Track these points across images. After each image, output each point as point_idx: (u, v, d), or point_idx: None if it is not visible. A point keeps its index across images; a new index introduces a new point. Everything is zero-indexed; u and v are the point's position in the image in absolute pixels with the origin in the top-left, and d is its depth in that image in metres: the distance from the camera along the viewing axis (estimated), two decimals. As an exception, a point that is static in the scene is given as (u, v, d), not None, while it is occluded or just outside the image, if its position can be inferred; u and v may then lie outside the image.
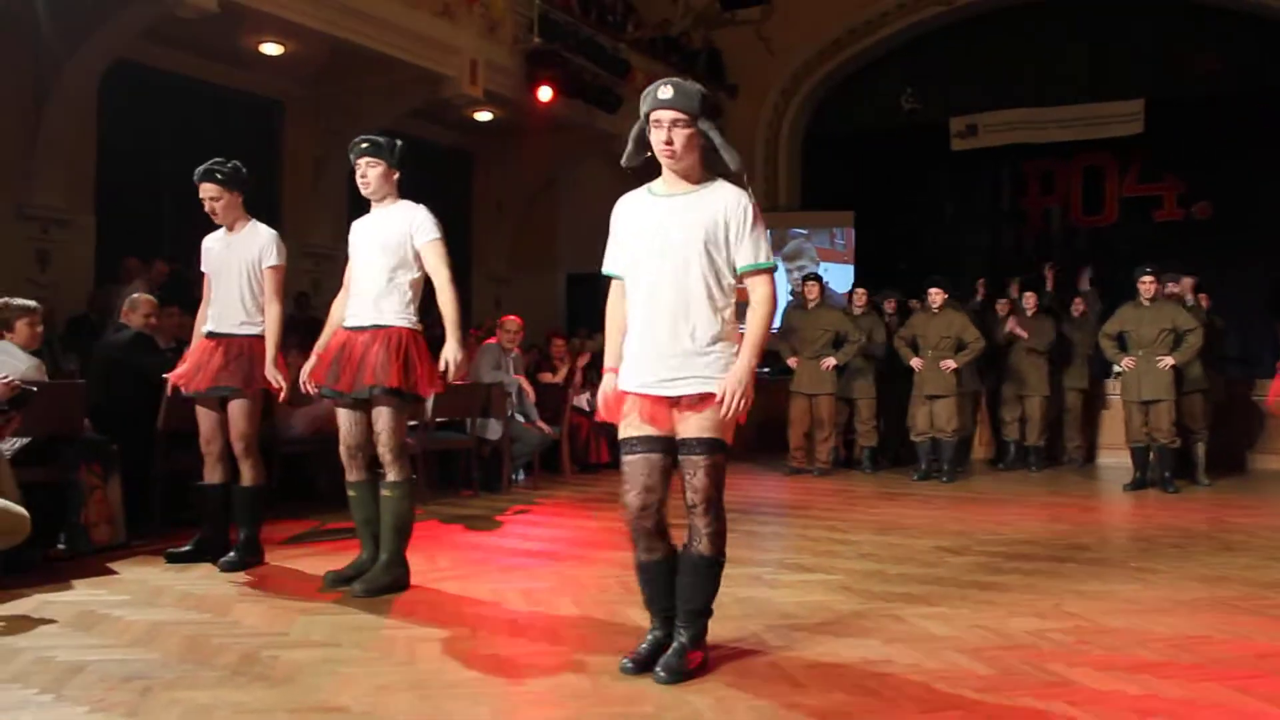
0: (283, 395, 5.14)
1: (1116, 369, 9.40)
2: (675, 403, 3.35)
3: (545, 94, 10.67)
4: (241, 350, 5.10)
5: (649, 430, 3.37)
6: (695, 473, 3.36)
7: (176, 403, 5.53)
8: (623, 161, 3.43)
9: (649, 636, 3.50)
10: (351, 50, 9.21)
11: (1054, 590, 4.78)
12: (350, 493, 4.76)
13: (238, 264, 5.14)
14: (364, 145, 4.64)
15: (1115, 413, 10.29)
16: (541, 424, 8.73)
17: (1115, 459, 10.46)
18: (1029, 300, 10.20)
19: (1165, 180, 13.68)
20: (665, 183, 3.43)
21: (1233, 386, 10.29)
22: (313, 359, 4.75)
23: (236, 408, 5.10)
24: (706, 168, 3.41)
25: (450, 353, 4.54)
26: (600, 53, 11.64)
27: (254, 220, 5.25)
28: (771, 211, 14.64)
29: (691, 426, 3.34)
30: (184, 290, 8.33)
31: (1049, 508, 7.77)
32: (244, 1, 8.11)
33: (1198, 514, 7.50)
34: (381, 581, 4.60)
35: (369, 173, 4.63)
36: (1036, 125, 13.82)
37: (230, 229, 5.21)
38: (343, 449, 4.72)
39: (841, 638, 3.90)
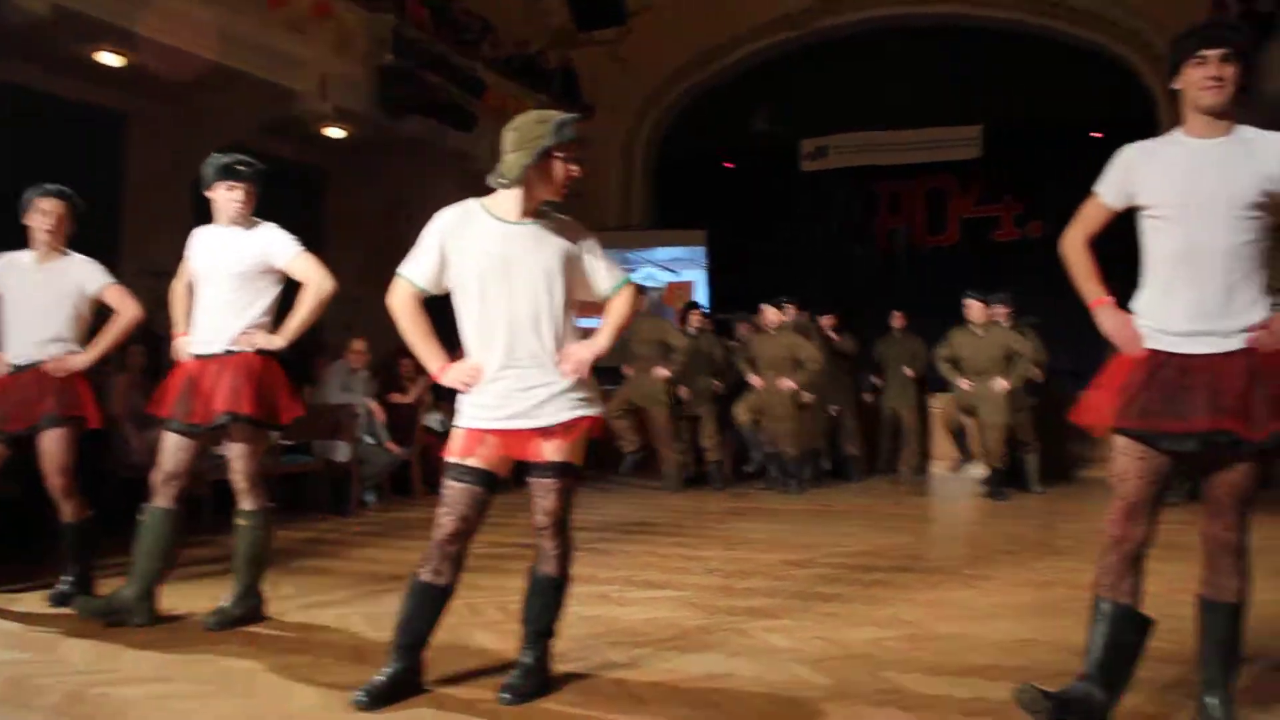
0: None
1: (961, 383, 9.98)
2: (527, 433, 3.37)
3: (397, 112, 10.55)
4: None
5: (480, 464, 3.39)
6: (546, 496, 3.39)
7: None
8: (501, 181, 3.40)
9: (388, 667, 3.42)
10: (198, 63, 8.96)
11: (892, 600, 4.95)
12: (143, 517, 4.46)
13: (55, 295, 4.83)
14: (249, 170, 4.50)
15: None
16: (391, 445, 8.63)
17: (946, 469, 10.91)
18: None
19: (1003, 201, 14.30)
20: (509, 208, 3.43)
21: (1064, 400, 10.77)
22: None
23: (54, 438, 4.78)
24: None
25: (265, 341, 4.46)
26: (455, 71, 11.58)
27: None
28: (625, 230, 14.78)
29: (545, 451, 3.38)
30: None
31: (890, 519, 8.02)
32: (80, 8, 7.82)
33: (1029, 521, 7.84)
34: (234, 614, 4.46)
35: (249, 198, 4.51)
36: (883, 148, 14.30)
37: (45, 258, 4.86)
38: (160, 475, 4.44)
39: (686, 653, 3.97)
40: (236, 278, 4.46)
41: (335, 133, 11.04)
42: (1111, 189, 3.05)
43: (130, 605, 4.41)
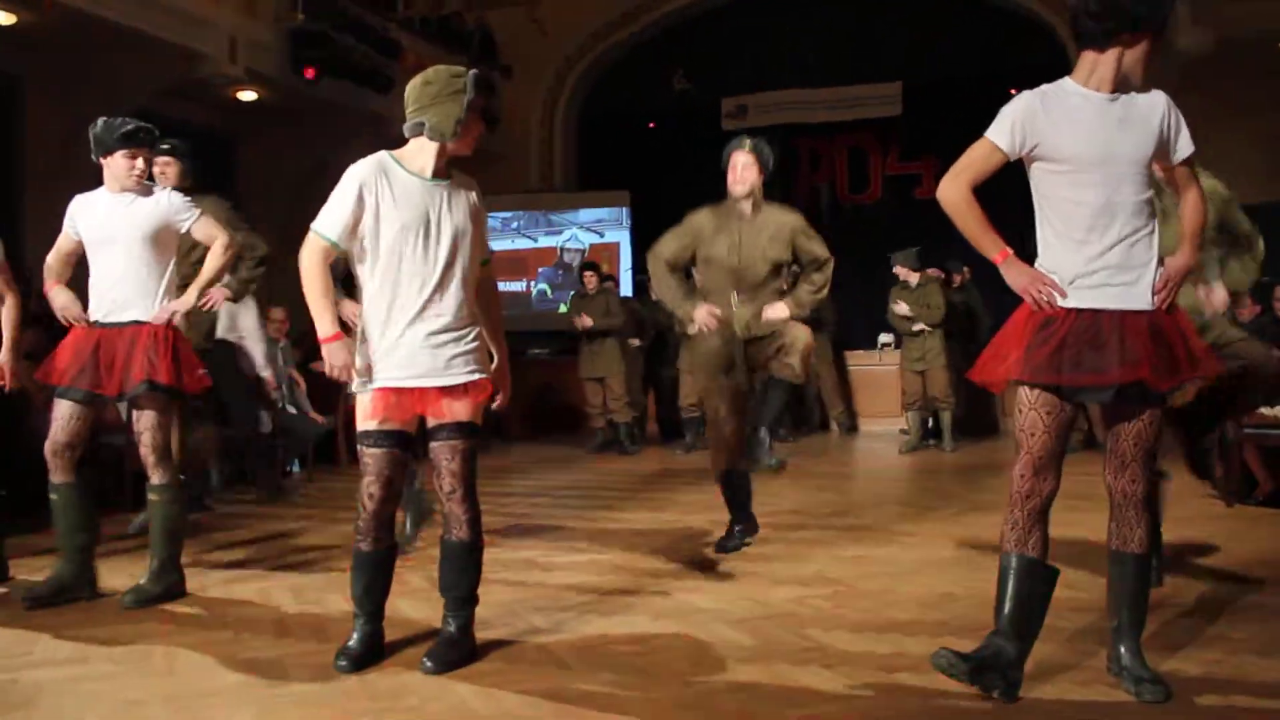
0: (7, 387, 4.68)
1: (883, 340, 10.23)
2: (435, 392, 3.34)
3: (310, 74, 10.31)
4: None
5: (395, 426, 3.36)
6: (453, 458, 3.37)
7: None
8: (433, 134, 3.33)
9: (358, 632, 3.46)
10: (96, 23, 8.64)
11: (816, 558, 5.01)
12: (53, 496, 4.34)
13: None
14: (151, 137, 4.37)
15: (874, 382, 11.02)
16: (315, 414, 8.49)
17: (879, 426, 11.06)
18: None
19: (924, 159, 14.41)
20: (424, 163, 3.35)
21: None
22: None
23: None
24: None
25: (182, 304, 4.38)
26: (369, 32, 11.34)
27: None
28: (549, 193, 14.66)
29: (452, 410, 3.35)
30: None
31: (813, 477, 8.10)
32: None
33: (950, 477, 7.98)
34: (153, 591, 4.35)
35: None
36: (803, 106, 14.31)
37: None
38: (51, 446, 4.29)
39: (610, 616, 3.97)
40: (139, 244, 4.33)
41: (246, 96, 10.76)
42: (1009, 136, 2.97)
43: (70, 583, 4.35)
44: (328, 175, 3.43)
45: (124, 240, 4.33)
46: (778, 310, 4.86)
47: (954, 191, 3.03)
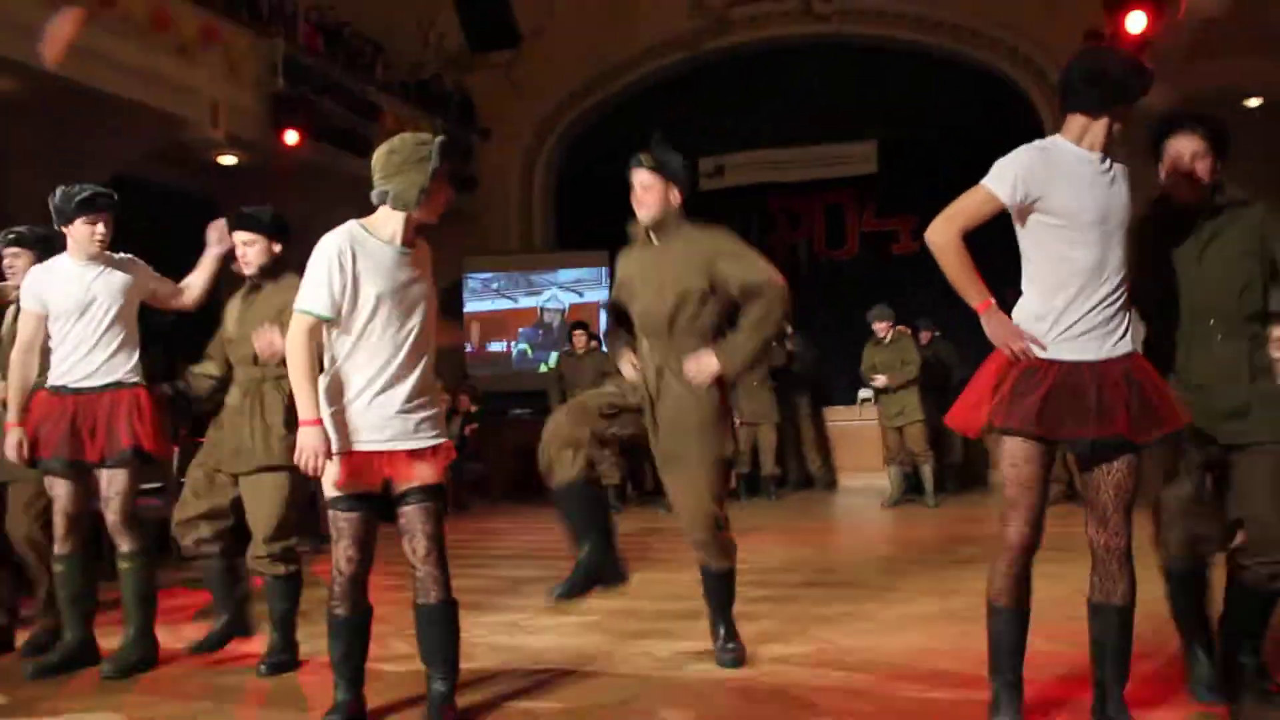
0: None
1: (863, 395, 10.31)
2: (403, 456, 3.36)
3: (291, 138, 10.40)
4: None
5: (363, 488, 3.38)
6: (426, 520, 3.39)
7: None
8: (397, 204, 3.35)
9: (339, 699, 3.44)
10: (79, 91, 8.72)
11: (799, 616, 5.00)
12: (58, 567, 4.41)
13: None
14: (109, 201, 4.39)
15: (855, 436, 11.06)
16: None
17: (858, 481, 11.09)
18: None
19: (900, 216, 14.58)
20: (393, 231, 3.36)
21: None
22: (22, 430, 4.32)
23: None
24: None
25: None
26: (348, 96, 11.47)
27: None
28: (528, 253, 14.74)
29: (421, 473, 3.37)
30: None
31: (796, 534, 8.11)
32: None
33: (932, 532, 7.99)
34: (130, 659, 4.33)
35: (109, 230, 4.39)
36: (780, 166, 14.50)
37: None
38: (63, 520, 4.35)
39: (595, 679, 3.96)
40: (111, 310, 4.35)
41: (228, 160, 10.84)
42: (1010, 187, 2.99)
43: (77, 651, 4.40)
44: (308, 237, 3.45)
45: (93, 307, 4.33)
46: (700, 365, 3.86)
47: (944, 235, 3.05)
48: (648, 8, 14.21)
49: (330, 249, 3.29)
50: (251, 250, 4.38)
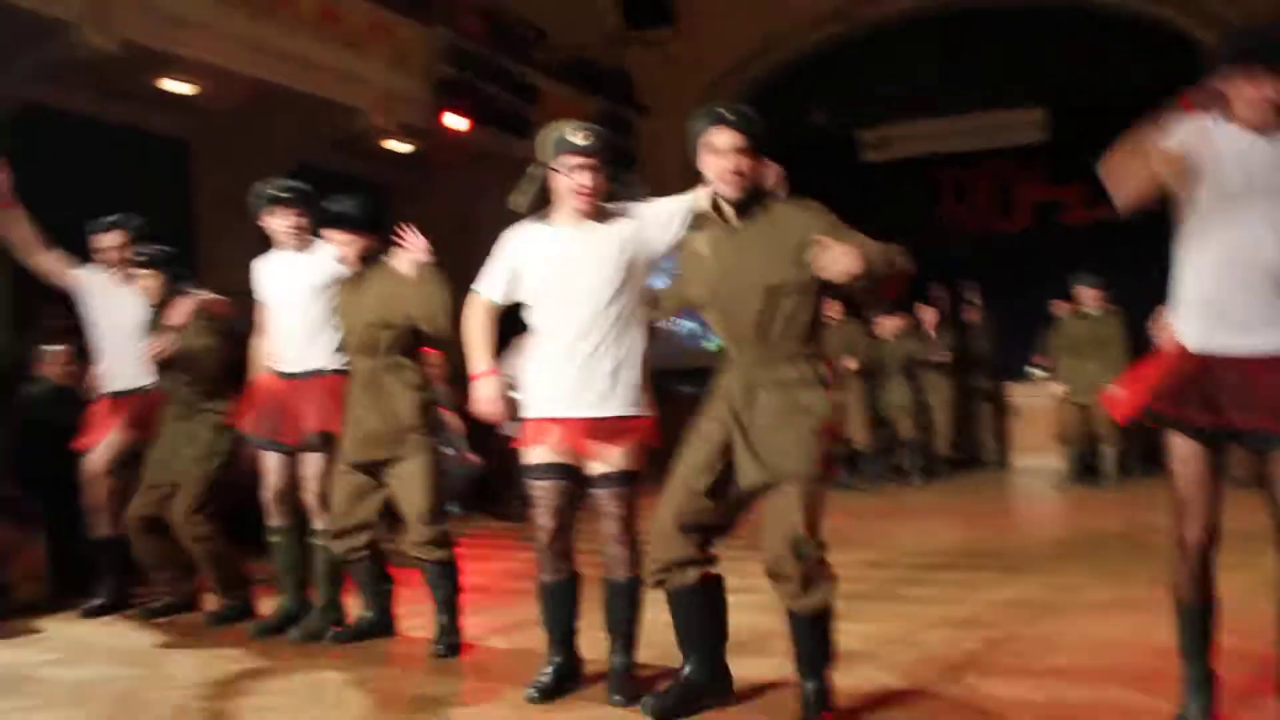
0: None
1: (1037, 373, 9.93)
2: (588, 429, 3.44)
3: (457, 123, 10.69)
4: None
5: (556, 458, 3.49)
6: (614, 502, 3.48)
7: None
8: (519, 205, 3.54)
9: (548, 663, 3.61)
10: (261, 86, 9.15)
11: (970, 599, 4.92)
12: (274, 539, 4.77)
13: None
14: (292, 195, 4.62)
15: (1026, 414, 10.73)
16: (470, 455, 8.72)
17: (1031, 461, 10.76)
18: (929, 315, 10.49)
19: (1070, 185, 14.06)
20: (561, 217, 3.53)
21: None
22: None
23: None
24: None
25: None
26: (510, 79, 11.69)
27: None
28: (689, 229, 14.75)
29: (607, 457, 3.44)
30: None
31: (967, 515, 7.95)
32: (146, 42, 8.03)
33: (1112, 516, 7.72)
34: (317, 627, 4.60)
35: (302, 221, 4.61)
36: (944, 136, 14.14)
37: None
38: (271, 494, 4.71)
39: (763, 657, 3.97)
40: (311, 299, 4.57)
41: (399, 146, 11.20)
42: None
43: (295, 614, 4.73)
44: (480, 218, 3.61)
45: (296, 296, 4.60)
46: (834, 255, 3.00)
47: None
48: (803, -21, 14.03)
49: (504, 243, 3.63)
50: (351, 249, 4.39)
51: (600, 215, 3.51)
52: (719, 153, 3.18)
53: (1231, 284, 2.86)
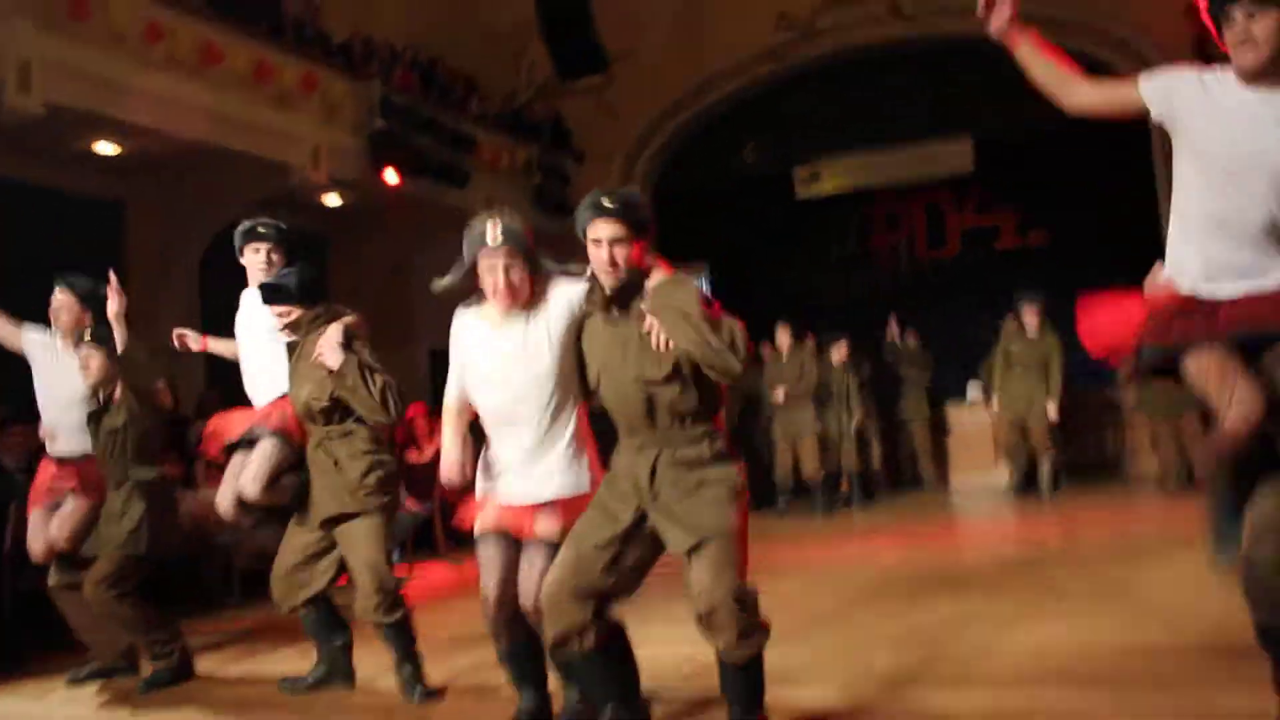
0: None
1: (972, 394, 10.18)
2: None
3: (391, 176, 10.73)
4: None
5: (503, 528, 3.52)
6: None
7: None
8: (440, 289, 3.47)
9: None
10: (194, 144, 9.14)
11: (911, 614, 4.98)
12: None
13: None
14: (268, 232, 4.69)
15: (964, 435, 10.93)
16: (411, 502, 8.68)
17: (968, 480, 10.93)
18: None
19: (1001, 211, 14.37)
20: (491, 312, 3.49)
21: (1080, 398, 10.81)
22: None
23: None
24: None
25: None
26: (444, 131, 11.77)
27: None
28: (628, 271, 14.84)
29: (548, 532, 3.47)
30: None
31: (912, 535, 8.04)
32: (72, 103, 8.00)
33: (1048, 528, 7.86)
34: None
35: (273, 257, 4.66)
36: (875, 168, 14.40)
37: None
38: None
39: (706, 682, 3.99)
40: (268, 337, 4.59)
41: (333, 200, 11.21)
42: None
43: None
44: (413, 268, 3.59)
45: (255, 330, 4.68)
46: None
47: None
48: (733, 23, 14.25)
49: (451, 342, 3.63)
50: (288, 321, 4.37)
51: (530, 303, 3.45)
52: (597, 243, 3.17)
53: (1222, 243, 2.77)
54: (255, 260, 4.68)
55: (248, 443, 4.55)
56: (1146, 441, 9.78)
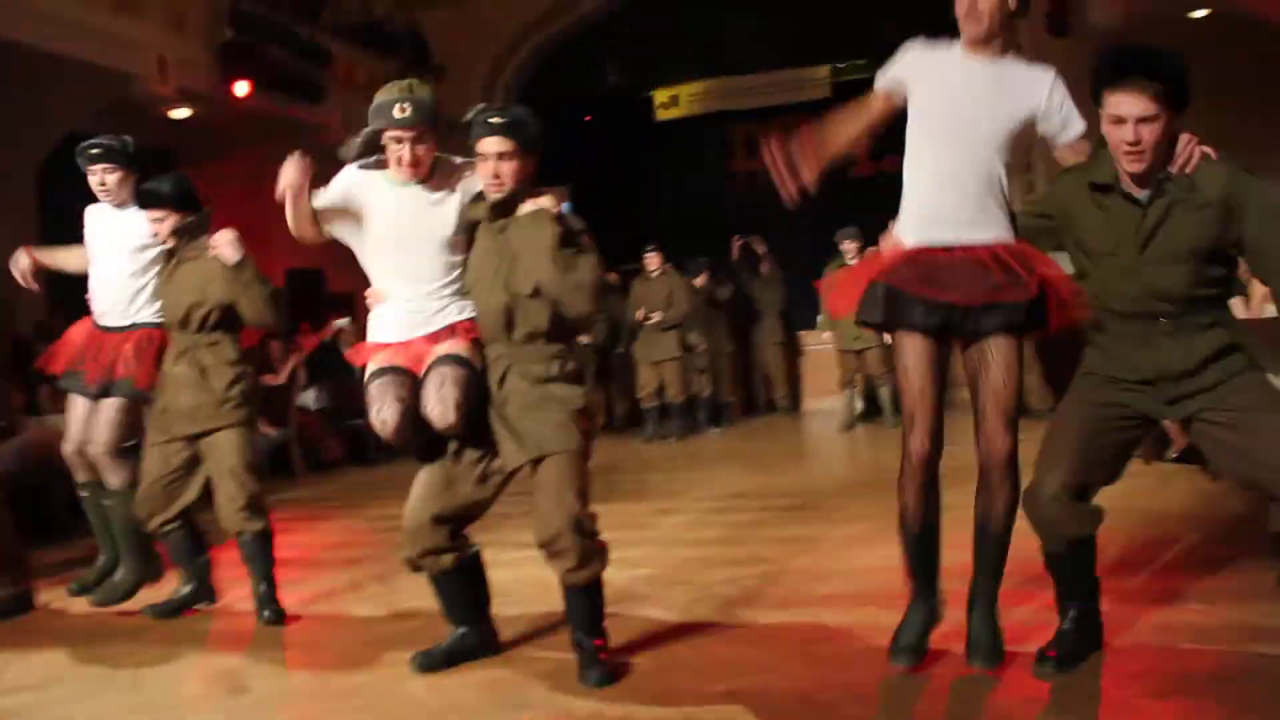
0: None
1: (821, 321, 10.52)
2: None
3: (242, 89, 10.39)
4: None
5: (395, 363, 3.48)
6: None
7: None
8: (345, 155, 3.48)
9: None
10: (23, 50, 8.68)
11: (751, 539, 5.25)
12: (83, 494, 4.78)
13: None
14: (100, 152, 4.56)
15: (815, 361, 11.30)
16: (266, 427, 8.62)
17: (822, 405, 11.33)
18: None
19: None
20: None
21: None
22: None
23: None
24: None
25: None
26: (298, 42, 11.41)
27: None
28: (489, 191, 14.76)
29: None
30: None
31: (761, 460, 8.36)
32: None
33: (891, 452, 8.23)
34: (120, 591, 4.65)
35: (107, 179, 4.57)
36: (735, 93, 14.56)
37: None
38: (71, 447, 4.69)
39: (551, 608, 4.16)
40: (128, 253, 4.57)
41: (181, 113, 10.82)
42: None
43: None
44: (267, 184, 3.54)
45: (113, 250, 4.62)
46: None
47: None
48: (600, -62, 14.15)
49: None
50: (162, 226, 4.36)
51: (433, 178, 3.48)
52: (484, 158, 3.31)
53: (948, 193, 3.11)
54: (93, 181, 4.62)
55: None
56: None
